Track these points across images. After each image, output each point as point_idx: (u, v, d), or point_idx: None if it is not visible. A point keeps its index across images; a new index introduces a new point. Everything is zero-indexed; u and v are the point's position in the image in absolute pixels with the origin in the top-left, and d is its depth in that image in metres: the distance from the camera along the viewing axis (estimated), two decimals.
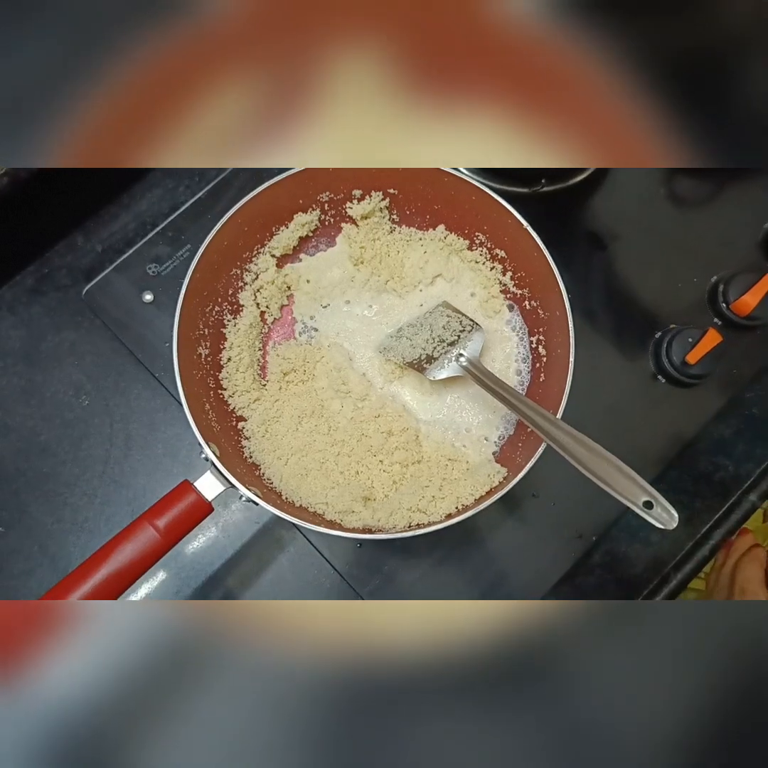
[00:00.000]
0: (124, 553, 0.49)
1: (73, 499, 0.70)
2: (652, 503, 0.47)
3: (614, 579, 0.71)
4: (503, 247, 0.65)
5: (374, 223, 0.67)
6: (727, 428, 0.76)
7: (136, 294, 0.72)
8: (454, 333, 0.63)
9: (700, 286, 0.78)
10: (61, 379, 0.72)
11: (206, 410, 0.59)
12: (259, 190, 0.60)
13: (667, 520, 0.46)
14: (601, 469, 0.49)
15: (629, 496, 0.47)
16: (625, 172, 0.81)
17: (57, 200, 0.73)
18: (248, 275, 0.66)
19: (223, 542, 0.70)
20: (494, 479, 0.59)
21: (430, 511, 0.58)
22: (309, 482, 0.61)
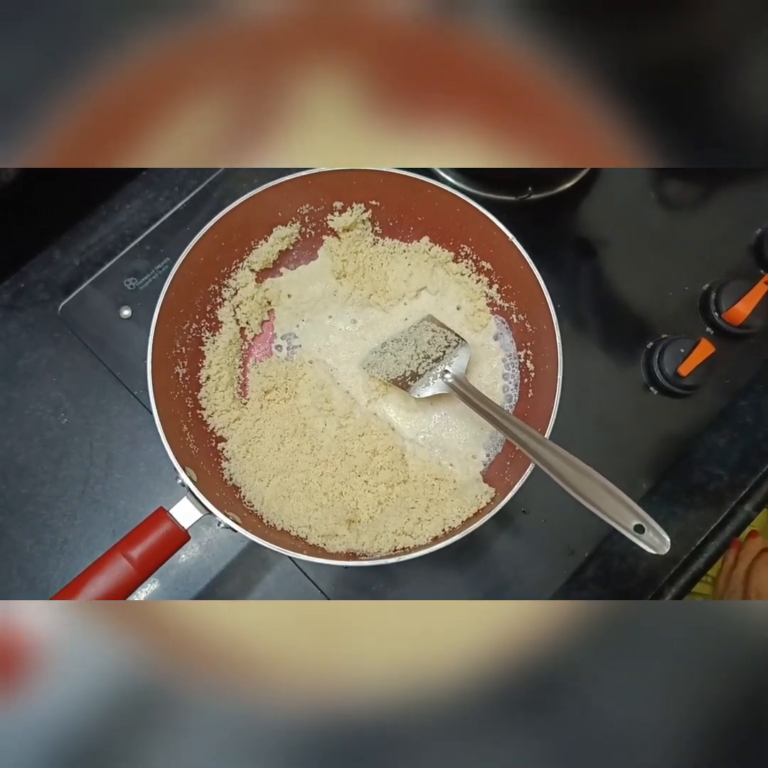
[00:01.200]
0: (96, 586, 0.47)
1: (53, 520, 0.68)
2: (643, 527, 0.45)
3: (608, 594, 0.70)
4: (489, 259, 0.63)
5: (356, 235, 0.65)
6: (720, 437, 0.74)
7: (113, 309, 0.71)
8: (439, 349, 0.61)
9: (691, 294, 0.76)
10: (39, 397, 0.71)
11: (184, 432, 0.58)
12: (235, 204, 0.58)
13: (659, 545, 0.45)
14: (591, 491, 0.47)
15: (619, 519, 0.46)
16: (614, 178, 0.80)
17: (33, 212, 0.72)
18: (227, 291, 0.64)
19: (207, 562, 0.68)
20: (482, 500, 0.57)
21: (416, 533, 0.57)
22: (291, 504, 0.59)
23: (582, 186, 0.78)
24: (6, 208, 0.69)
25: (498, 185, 0.72)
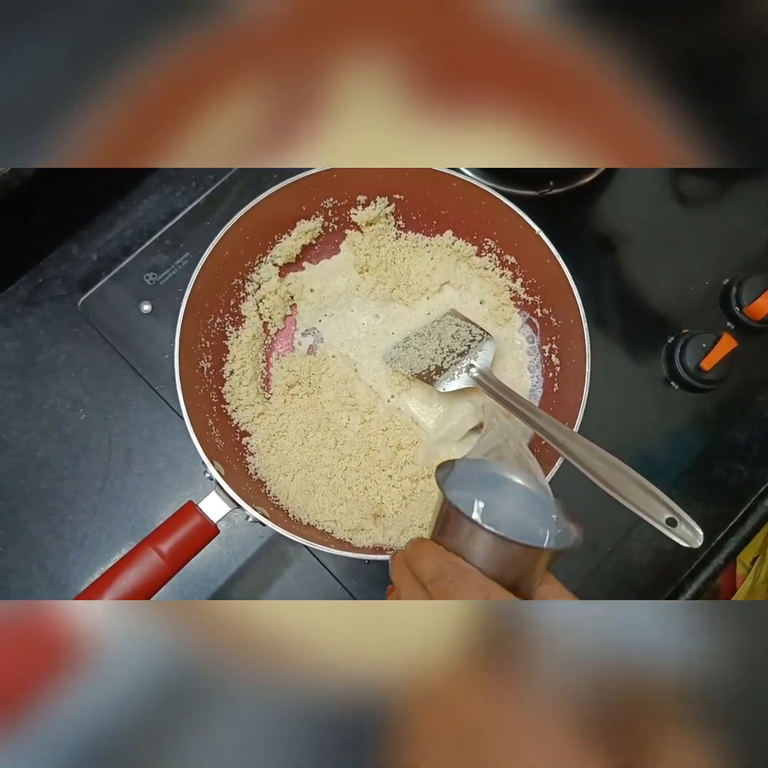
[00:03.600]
0: (128, 579, 0.47)
1: (72, 515, 0.68)
2: (675, 520, 0.45)
3: (628, 588, 0.70)
4: (513, 252, 0.63)
5: (379, 229, 0.65)
6: (741, 433, 0.74)
7: (133, 304, 0.70)
8: (464, 343, 0.61)
9: (711, 289, 0.76)
10: (58, 392, 0.70)
11: (209, 426, 0.57)
12: (260, 198, 0.58)
13: (692, 538, 0.45)
14: (622, 485, 0.47)
15: (651, 512, 0.45)
16: (632, 173, 0.79)
17: (51, 208, 0.71)
18: (250, 285, 0.64)
19: (227, 557, 0.68)
20: None
21: None
22: (317, 499, 0.59)
23: (600, 181, 0.78)
24: (24, 204, 0.68)
25: (519, 179, 0.71)
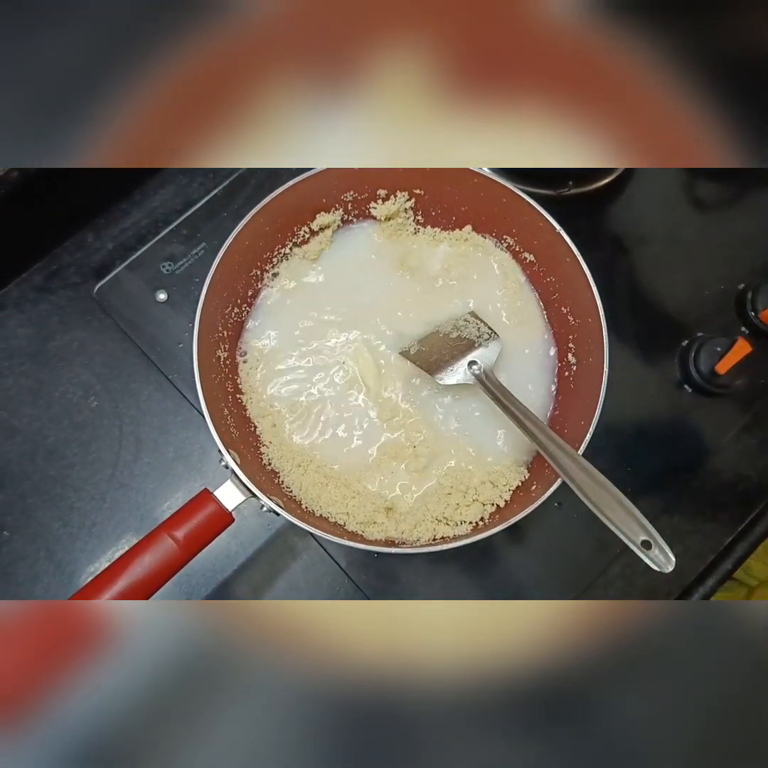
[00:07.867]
0: (142, 564, 0.47)
1: (81, 503, 0.68)
2: (650, 543, 0.45)
3: (634, 592, 0.70)
4: (532, 250, 0.63)
5: (398, 224, 0.65)
6: (752, 438, 0.74)
7: (149, 293, 0.70)
8: (470, 340, 0.61)
9: (726, 293, 0.76)
10: (70, 380, 0.70)
11: (225, 416, 0.57)
12: (282, 188, 0.58)
13: (664, 563, 0.45)
14: (603, 502, 0.47)
15: (628, 533, 0.46)
16: (648, 177, 0.80)
17: (66, 196, 0.71)
18: (268, 276, 0.64)
19: (234, 549, 0.68)
20: (513, 483, 0.58)
21: (455, 520, 0.57)
22: (329, 491, 0.59)
23: (617, 183, 0.78)
24: (40, 192, 0.68)
25: (538, 179, 0.72)
